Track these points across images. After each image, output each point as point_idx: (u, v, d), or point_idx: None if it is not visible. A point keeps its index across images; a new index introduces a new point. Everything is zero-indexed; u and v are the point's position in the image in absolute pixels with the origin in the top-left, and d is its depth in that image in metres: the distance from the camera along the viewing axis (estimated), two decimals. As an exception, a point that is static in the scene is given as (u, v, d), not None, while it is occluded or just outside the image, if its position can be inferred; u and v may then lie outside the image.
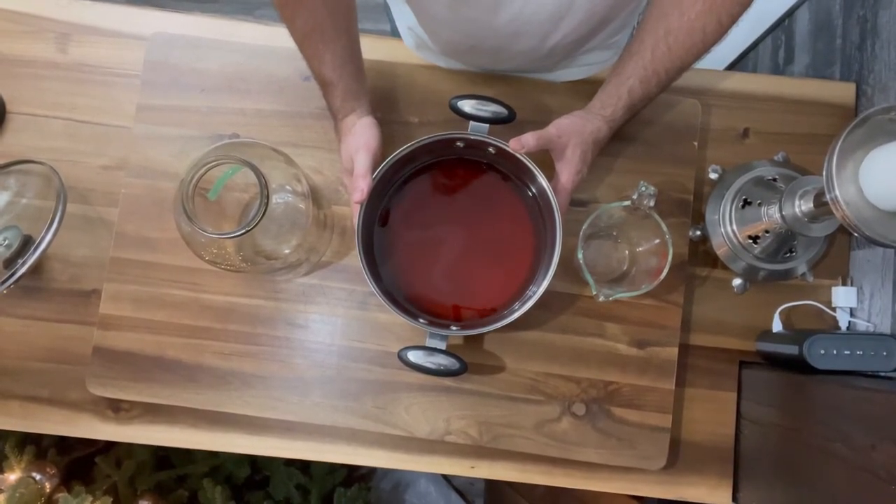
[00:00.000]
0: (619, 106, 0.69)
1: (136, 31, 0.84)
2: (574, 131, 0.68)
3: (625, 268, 0.78)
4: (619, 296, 0.69)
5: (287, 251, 0.69)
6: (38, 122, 0.83)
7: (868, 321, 0.75)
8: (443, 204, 0.77)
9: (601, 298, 0.69)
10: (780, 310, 0.78)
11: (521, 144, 0.66)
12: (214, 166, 0.61)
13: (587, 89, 0.81)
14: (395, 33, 0.89)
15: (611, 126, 0.71)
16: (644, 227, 0.73)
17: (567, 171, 0.69)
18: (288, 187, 0.68)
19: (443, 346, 0.68)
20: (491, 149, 0.71)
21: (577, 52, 0.80)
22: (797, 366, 0.70)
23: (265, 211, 0.60)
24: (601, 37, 0.79)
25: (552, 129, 0.68)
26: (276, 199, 0.63)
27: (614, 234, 0.78)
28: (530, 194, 0.75)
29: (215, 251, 0.66)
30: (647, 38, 0.66)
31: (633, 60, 0.67)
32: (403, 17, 0.83)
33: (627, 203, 0.69)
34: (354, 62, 0.71)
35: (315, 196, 0.70)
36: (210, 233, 0.59)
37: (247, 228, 0.60)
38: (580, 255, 0.69)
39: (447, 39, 0.76)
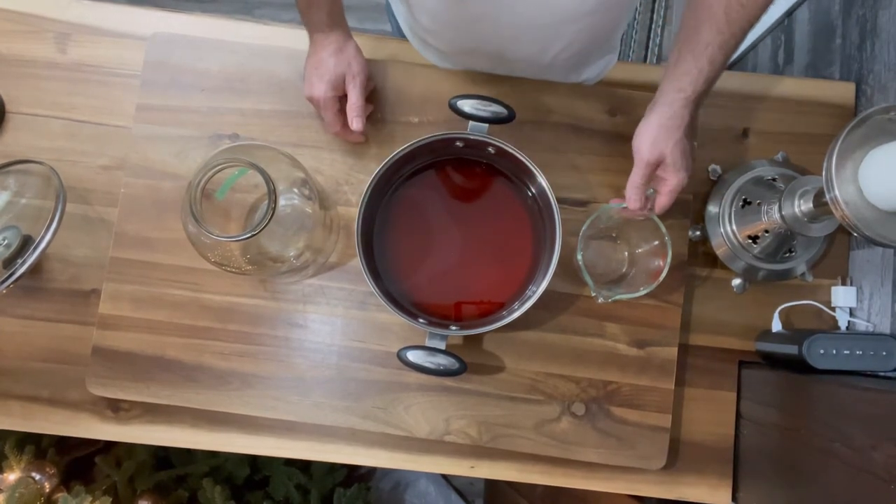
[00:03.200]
0: (701, 80, 0.63)
1: (136, 31, 0.84)
2: (663, 146, 0.65)
3: (624, 269, 0.78)
4: (618, 297, 0.69)
5: (293, 254, 0.69)
6: (38, 122, 0.83)
7: (867, 321, 0.75)
8: (442, 203, 0.77)
9: (600, 300, 0.69)
10: (779, 310, 0.78)
11: (640, 197, 0.67)
12: (223, 169, 0.61)
13: (588, 90, 0.81)
14: (395, 33, 0.90)
15: (696, 104, 0.65)
16: (643, 229, 0.73)
17: (673, 178, 0.66)
18: (294, 190, 0.68)
19: (442, 346, 0.68)
20: (490, 149, 0.71)
21: (578, 67, 0.81)
22: (797, 366, 0.70)
23: (272, 215, 0.60)
24: (600, 50, 0.80)
25: (642, 163, 0.65)
26: (282, 201, 0.63)
27: (613, 235, 0.78)
28: (530, 194, 0.75)
29: (220, 253, 0.66)
30: (714, 1, 0.61)
31: (707, 27, 0.61)
32: (405, 20, 0.83)
33: (626, 205, 0.69)
34: None
35: (321, 198, 0.70)
36: (217, 235, 0.59)
37: (253, 232, 0.60)
38: (579, 257, 0.69)
39: (449, 40, 0.76)
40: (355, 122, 0.71)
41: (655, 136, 0.64)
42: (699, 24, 0.62)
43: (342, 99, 0.74)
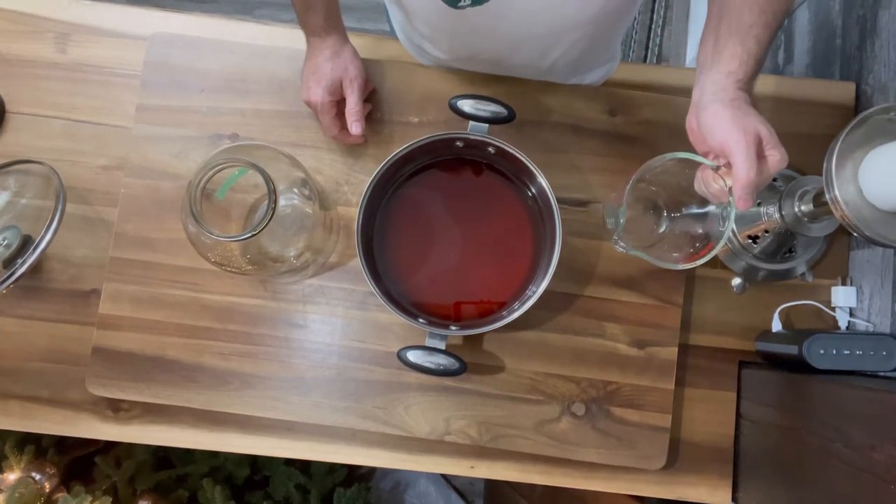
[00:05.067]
0: (751, 63, 0.57)
1: (136, 31, 0.84)
2: (752, 122, 0.55)
3: (658, 233, 0.72)
4: (638, 254, 0.61)
5: (293, 254, 0.69)
6: (38, 122, 0.83)
7: (867, 321, 0.75)
8: (442, 204, 0.77)
9: (619, 248, 0.62)
10: (779, 310, 0.78)
11: (753, 194, 0.55)
12: (222, 169, 0.61)
13: (588, 90, 0.81)
14: (394, 34, 0.90)
15: (749, 88, 0.58)
16: (694, 201, 0.65)
17: (777, 151, 0.56)
18: (294, 190, 0.68)
19: (442, 346, 0.68)
20: (490, 149, 0.71)
21: (576, 73, 0.81)
22: (797, 366, 0.70)
23: (272, 215, 0.60)
24: (599, 58, 0.80)
25: (743, 149, 0.54)
26: (282, 201, 0.63)
27: (660, 203, 0.73)
28: (530, 194, 0.75)
29: (220, 253, 0.66)
30: None
31: (748, 9, 0.57)
32: (401, 27, 0.83)
33: (714, 164, 0.57)
34: None
35: (321, 198, 0.70)
36: (217, 235, 0.59)
37: (253, 232, 0.60)
38: (627, 193, 0.59)
39: (446, 48, 0.76)
40: (354, 127, 0.72)
41: (736, 116, 0.55)
42: (737, 7, 0.58)
43: (340, 103, 0.74)
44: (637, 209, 0.73)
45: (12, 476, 0.98)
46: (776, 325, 0.78)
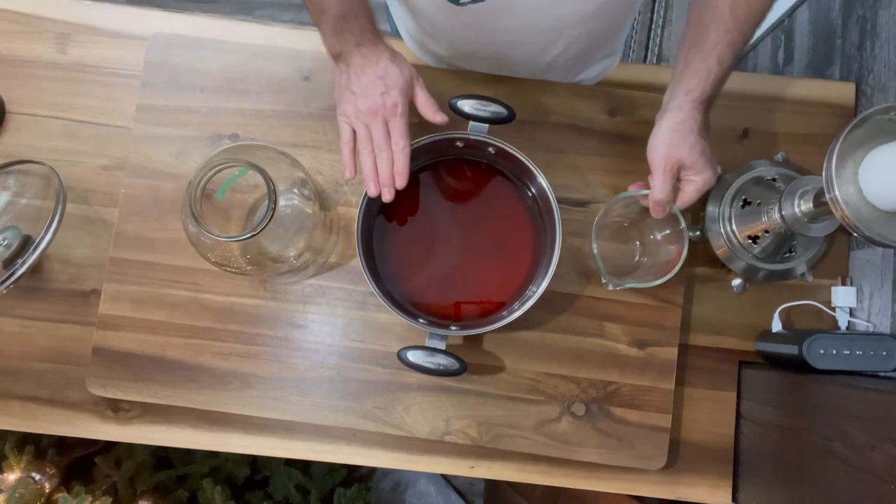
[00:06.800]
0: (710, 81, 0.62)
1: (136, 31, 0.84)
2: (678, 151, 0.63)
3: (636, 258, 0.77)
4: (629, 285, 0.68)
5: (293, 254, 0.69)
6: (38, 122, 0.83)
7: (868, 321, 0.75)
8: (443, 204, 0.77)
9: (610, 287, 0.68)
10: (779, 310, 0.78)
11: (664, 209, 0.66)
12: (222, 169, 0.61)
13: (588, 90, 0.81)
14: (394, 34, 0.90)
15: (707, 105, 0.63)
16: (660, 220, 0.71)
17: (698, 178, 0.64)
18: (294, 190, 0.68)
19: (442, 346, 0.68)
20: (491, 149, 0.71)
21: (577, 69, 0.81)
22: (797, 366, 0.70)
23: (272, 215, 0.60)
24: (600, 53, 0.80)
25: (659, 172, 0.63)
26: (282, 201, 0.63)
27: (626, 224, 0.78)
28: (530, 194, 0.75)
29: (220, 253, 0.66)
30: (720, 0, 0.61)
31: (713, 27, 0.60)
32: (403, 23, 0.83)
33: (646, 192, 0.67)
34: None
35: (321, 198, 0.70)
36: (217, 235, 0.59)
37: (253, 232, 0.60)
38: (594, 246, 0.68)
39: (448, 44, 0.76)
40: (439, 116, 0.68)
41: (669, 142, 0.62)
42: (705, 24, 0.61)
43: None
44: (615, 244, 0.79)
45: (12, 476, 0.98)
46: (776, 325, 0.78)
